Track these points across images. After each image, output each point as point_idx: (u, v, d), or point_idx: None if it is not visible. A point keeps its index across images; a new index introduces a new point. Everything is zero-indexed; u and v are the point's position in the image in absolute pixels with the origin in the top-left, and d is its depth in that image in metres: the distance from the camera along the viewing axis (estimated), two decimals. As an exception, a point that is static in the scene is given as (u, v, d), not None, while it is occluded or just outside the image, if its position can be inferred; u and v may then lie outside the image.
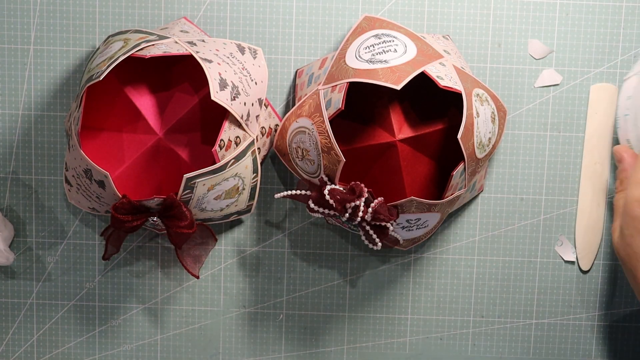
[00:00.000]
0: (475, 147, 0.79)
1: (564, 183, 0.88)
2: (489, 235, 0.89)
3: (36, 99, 0.87)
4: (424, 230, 0.84)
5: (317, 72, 0.83)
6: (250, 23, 0.86)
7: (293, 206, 0.89)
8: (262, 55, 0.83)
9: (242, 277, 0.90)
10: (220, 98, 0.77)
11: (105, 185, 0.78)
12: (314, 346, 0.91)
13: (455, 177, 0.79)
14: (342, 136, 0.85)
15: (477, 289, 0.90)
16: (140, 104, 0.85)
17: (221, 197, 0.82)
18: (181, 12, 0.86)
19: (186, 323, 0.91)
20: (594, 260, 0.89)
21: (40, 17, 0.86)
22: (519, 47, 0.87)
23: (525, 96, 0.87)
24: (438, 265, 0.90)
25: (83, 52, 0.87)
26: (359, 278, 0.90)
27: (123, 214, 0.78)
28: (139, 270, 0.90)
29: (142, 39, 0.79)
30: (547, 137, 0.88)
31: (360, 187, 0.77)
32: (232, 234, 0.90)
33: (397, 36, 0.81)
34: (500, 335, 0.91)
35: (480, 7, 0.86)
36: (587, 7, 0.86)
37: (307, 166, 0.81)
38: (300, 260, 0.90)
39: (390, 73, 0.77)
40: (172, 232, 0.80)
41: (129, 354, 0.91)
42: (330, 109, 0.78)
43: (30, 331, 0.91)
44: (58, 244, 0.89)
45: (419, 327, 0.91)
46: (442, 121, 0.85)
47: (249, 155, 0.82)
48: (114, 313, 0.91)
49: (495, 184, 0.89)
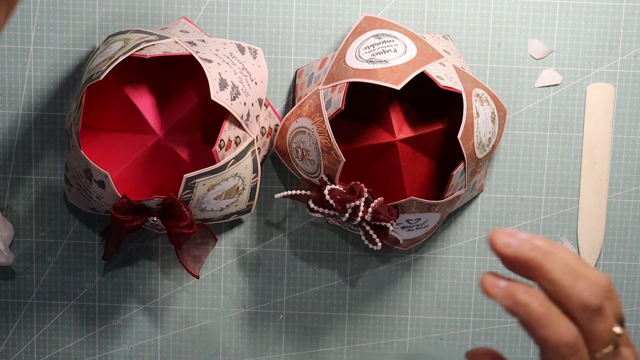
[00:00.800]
0: (475, 147, 0.79)
1: (564, 183, 0.88)
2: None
3: (36, 99, 0.87)
4: (424, 230, 0.84)
5: (317, 72, 0.83)
6: (250, 23, 0.86)
7: (293, 206, 0.89)
8: (262, 55, 0.83)
9: (242, 277, 0.90)
10: (220, 98, 0.77)
11: (105, 185, 0.78)
12: (314, 346, 0.91)
13: (455, 177, 0.79)
14: (342, 136, 0.85)
15: (477, 289, 0.90)
16: (140, 104, 0.85)
17: (221, 197, 0.82)
18: (181, 12, 0.86)
19: (186, 323, 0.91)
20: (597, 260, 0.89)
21: (40, 17, 0.86)
22: (519, 47, 0.87)
23: (525, 96, 0.87)
24: (438, 265, 0.90)
25: (83, 52, 0.87)
26: (359, 278, 0.90)
27: (123, 214, 0.78)
28: (139, 270, 0.90)
29: (142, 39, 0.79)
30: (547, 137, 0.88)
31: (360, 187, 0.77)
32: (232, 234, 0.90)
33: (397, 36, 0.81)
34: (500, 335, 0.91)
35: (480, 7, 0.86)
36: (587, 7, 0.86)
37: (307, 166, 0.81)
38: (300, 260, 0.90)
39: (390, 73, 0.77)
40: (172, 232, 0.80)
41: (129, 354, 0.91)
42: (330, 109, 0.78)
43: (30, 331, 0.91)
44: (58, 244, 0.89)
45: (419, 327, 0.91)
46: (442, 121, 0.85)
47: (249, 155, 0.82)
48: (114, 313, 0.91)
49: (495, 184, 0.89)
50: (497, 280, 0.52)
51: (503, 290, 0.51)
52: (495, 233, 0.51)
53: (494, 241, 0.52)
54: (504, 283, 0.52)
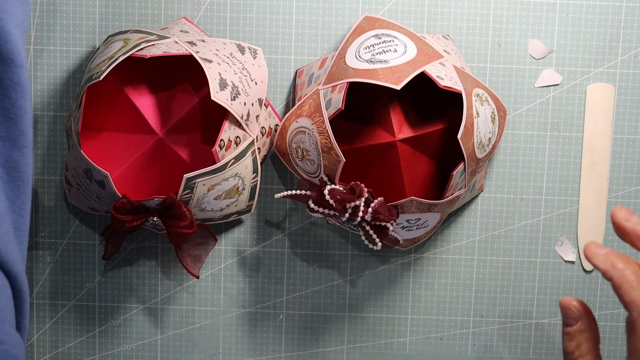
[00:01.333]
0: (475, 147, 0.79)
1: (564, 183, 0.88)
2: (489, 235, 0.89)
3: (36, 99, 0.87)
4: (424, 230, 0.84)
5: (317, 72, 0.83)
6: (250, 23, 0.86)
7: (293, 206, 0.89)
8: (262, 55, 0.83)
9: (242, 277, 0.90)
10: (220, 98, 0.77)
11: (105, 185, 0.78)
12: (314, 346, 0.91)
13: (455, 177, 0.79)
14: (342, 136, 0.85)
15: (477, 289, 0.90)
16: (140, 104, 0.85)
17: (221, 197, 0.82)
18: (181, 12, 0.86)
19: (186, 323, 0.91)
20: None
21: (40, 17, 0.86)
22: (519, 47, 0.87)
23: (525, 96, 0.87)
24: (438, 265, 0.90)
25: (83, 52, 0.87)
26: (359, 278, 0.90)
27: (123, 214, 0.78)
28: (139, 270, 0.90)
29: (142, 39, 0.79)
30: (547, 137, 0.88)
31: (360, 187, 0.77)
32: (232, 234, 0.90)
33: (397, 36, 0.81)
34: (500, 335, 0.91)
35: (480, 7, 0.86)
36: (587, 7, 0.86)
37: (307, 166, 0.81)
38: (300, 260, 0.90)
39: (390, 73, 0.77)
40: (172, 232, 0.80)
41: (129, 354, 0.91)
42: (330, 109, 0.78)
43: (30, 331, 0.91)
44: (58, 244, 0.89)
45: (419, 327, 0.91)
46: (442, 121, 0.85)
47: (249, 155, 0.82)
48: (114, 313, 0.91)
49: (495, 184, 0.89)
50: (598, 248, 0.60)
51: (603, 256, 0.60)
52: (618, 209, 0.62)
53: (617, 213, 0.62)
54: (604, 250, 0.60)
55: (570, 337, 0.62)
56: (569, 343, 0.62)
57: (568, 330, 0.63)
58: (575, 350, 0.62)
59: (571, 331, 0.62)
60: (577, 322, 0.62)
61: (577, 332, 0.62)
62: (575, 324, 0.63)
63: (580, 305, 0.63)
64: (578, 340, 0.62)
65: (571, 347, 0.62)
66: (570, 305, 0.63)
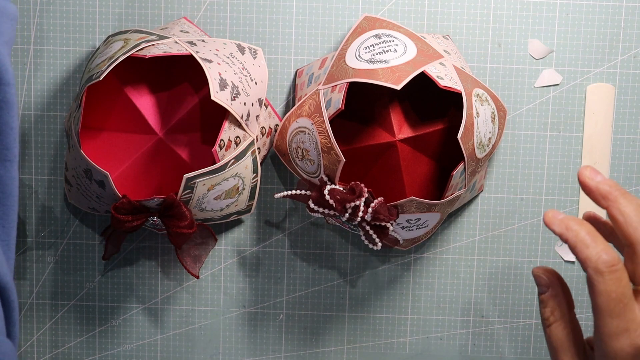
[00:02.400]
0: (475, 147, 0.79)
1: (564, 183, 0.88)
2: (489, 235, 0.89)
3: (36, 99, 0.87)
4: (424, 230, 0.84)
5: (317, 72, 0.83)
6: (250, 23, 0.86)
7: (293, 206, 0.89)
8: (262, 55, 0.83)
9: (242, 277, 0.90)
10: (220, 98, 0.77)
11: (105, 185, 0.78)
12: (314, 346, 0.91)
13: (455, 177, 0.79)
14: (342, 136, 0.85)
15: (477, 289, 0.90)
16: (140, 104, 0.85)
17: (221, 197, 0.82)
18: (181, 12, 0.86)
19: (186, 323, 0.91)
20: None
21: (40, 17, 0.86)
22: (519, 47, 0.87)
23: (525, 96, 0.87)
24: (438, 265, 0.90)
25: (83, 52, 0.87)
26: (359, 278, 0.90)
27: (123, 214, 0.78)
28: (139, 270, 0.90)
29: (142, 39, 0.79)
30: (547, 137, 0.88)
31: (360, 187, 0.77)
32: (232, 234, 0.90)
33: (397, 36, 0.81)
34: (500, 335, 0.91)
35: (480, 7, 0.86)
36: (587, 7, 0.86)
37: (307, 166, 0.81)
38: (300, 260, 0.90)
39: (390, 73, 0.77)
40: (172, 232, 0.80)
41: (129, 354, 0.91)
42: (330, 109, 0.78)
43: (30, 331, 0.91)
44: (58, 244, 0.89)
45: (419, 327, 0.91)
46: (442, 121, 0.85)
47: (249, 155, 0.82)
48: (114, 313, 0.91)
49: (495, 184, 0.89)
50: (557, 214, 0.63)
51: (559, 220, 0.62)
52: (584, 168, 0.63)
53: (583, 172, 0.63)
54: (562, 215, 0.62)
55: (545, 304, 0.65)
56: (544, 310, 0.65)
57: (542, 298, 0.65)
58: (550, 315, 0.64)
59: (544, 298, 0.65)
60: (548, 289, 0.65)
61: (550, 298, 0.65)
62: (547, 290, 0.65)
63: (550, 272, 0.65)
64: (551, 305, 0.64)
65: (546, 314, 0.65)
66: (540, 273, 0.65)
